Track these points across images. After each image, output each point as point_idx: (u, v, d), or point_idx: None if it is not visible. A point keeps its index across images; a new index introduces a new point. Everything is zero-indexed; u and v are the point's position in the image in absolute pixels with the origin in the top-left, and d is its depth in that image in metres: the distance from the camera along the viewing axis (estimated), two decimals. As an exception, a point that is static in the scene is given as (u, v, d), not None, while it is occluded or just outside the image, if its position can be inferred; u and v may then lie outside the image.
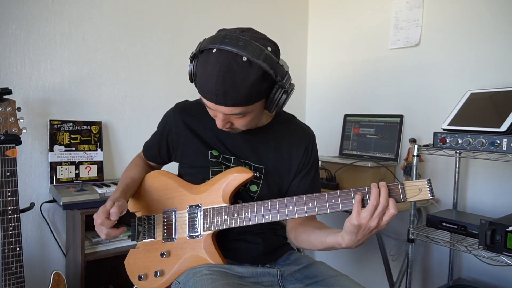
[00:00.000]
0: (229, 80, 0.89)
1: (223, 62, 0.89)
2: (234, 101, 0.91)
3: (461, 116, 1.61)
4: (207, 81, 0.91)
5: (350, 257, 2.48)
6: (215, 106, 0.94)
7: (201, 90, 0.95)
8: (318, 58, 2.70)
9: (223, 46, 0.89)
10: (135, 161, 1.27)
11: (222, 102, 0.92)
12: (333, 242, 0.97)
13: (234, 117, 0.98)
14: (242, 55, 0.89)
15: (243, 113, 0.96)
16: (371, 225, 0.88)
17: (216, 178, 1.08)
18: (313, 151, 1.19)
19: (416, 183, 0.88)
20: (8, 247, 1.37)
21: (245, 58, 0.89)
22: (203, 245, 1.04)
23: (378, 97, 2.31)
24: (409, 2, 2.13)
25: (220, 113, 0.96)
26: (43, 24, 1.77)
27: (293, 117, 1.23)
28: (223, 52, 0.90)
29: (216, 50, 0.90)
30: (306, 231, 1.09)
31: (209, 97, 0.93)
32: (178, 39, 2.17)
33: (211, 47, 0.91)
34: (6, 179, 1.38)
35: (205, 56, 0.93)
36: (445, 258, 1.96)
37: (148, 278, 1.08)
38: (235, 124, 1.01)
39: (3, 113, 1.40)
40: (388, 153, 2.14)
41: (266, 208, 1.00)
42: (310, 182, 1.17)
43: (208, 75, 0.91)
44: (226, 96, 0.91)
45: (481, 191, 1.86)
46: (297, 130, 1.19)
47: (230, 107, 0.93)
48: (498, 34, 1.79)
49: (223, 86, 0.89)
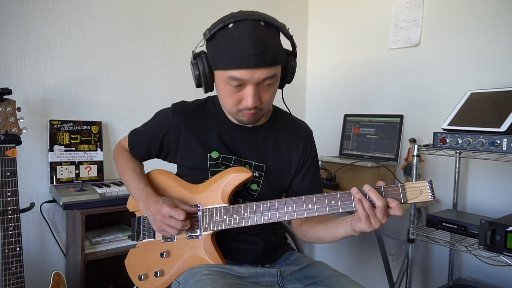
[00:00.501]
0: (263, 38, 0.92)
1: (248, 27, 0.92)
2: (271, 58, 0.94)
3: (461, 116, 1.61)
4: (241, 47, 0.91)
5: (350, 257, 2.48)
6: (251, 72, 0.93)
7: (233, 62, 0.93)
8: (318, 58, 2.70)
9: (239, 18, 0.94)
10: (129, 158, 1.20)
11: (261, 62, 0.92)
12: (344, 235, 0.99)
13: (264, 87, 0.98)
14: (260, 20, 0.94)
15: (275, 76, 0.98)
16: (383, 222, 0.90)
17: (215, 177, 1.07)
18: (312, 147, 1.20)
19: (417, 185, 0.88)
20: (8, 247, 1.37)
21: (262, 23, 0.95)
22: (202, 245, 1.04)
23: (378, 97, 2.31)
24: (409, 2, 2.13)
25: (252, 85, 0.95)
26: (43, 24, 1.77)
27: (289, 113, 1.23)
28: (242, 21, 0.93)
29: (233, 24, 0.94)
30: (313, 227, 1.10)
31: (247, 63, 0.92)
32: (178, 39, 2.17)
33: (225, 24, 0.94)
34: (6, 179, 1.38)
35: (223, 34, 0.95)
36: (445, 258, 1.96)
37: (148, 278, 1.08)
38: (262, 99, 1.00)
39: (3, 113, 1.40)
40: (388, 153, 2.14)
41: (265, 208, 0.99)
42: (311, 179, 1.17)
43: (240, 42, 0.92)
44: (265, 54, 0.92)
45: (481, 191, 1.86)
46: (295, 127, 1.19)
47: (268, 68, 0.94)
48: (498, 34, 1.79)
49: (260, 44, 0.92)
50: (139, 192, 1.08)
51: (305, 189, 1.17)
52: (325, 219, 1.08)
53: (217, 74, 1.00)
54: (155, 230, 1.04)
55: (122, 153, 1.22)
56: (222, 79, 0.98)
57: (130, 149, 1.21)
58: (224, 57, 0.95)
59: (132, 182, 1.11)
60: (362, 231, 0.92)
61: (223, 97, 1.03)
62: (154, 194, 1.05)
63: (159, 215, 0.98)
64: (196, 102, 1.18)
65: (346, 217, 1.00)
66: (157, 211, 0.99)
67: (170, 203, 1.00)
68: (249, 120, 1.04)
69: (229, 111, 1.06)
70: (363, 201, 0.89)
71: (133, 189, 1.11)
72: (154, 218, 1.00)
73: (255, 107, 0.99)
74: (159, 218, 0.98)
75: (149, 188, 1.08)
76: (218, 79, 1.01)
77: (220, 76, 0.99)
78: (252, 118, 1.04)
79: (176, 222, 0.97)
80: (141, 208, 1.07)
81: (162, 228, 1.00)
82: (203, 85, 1.05)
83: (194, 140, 1.11)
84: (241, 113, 1.02)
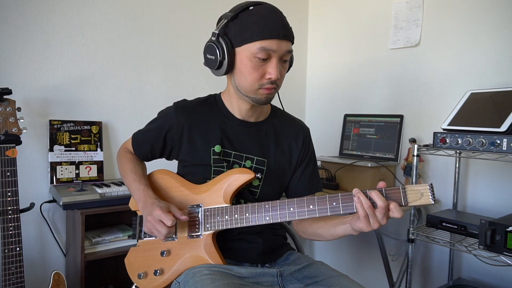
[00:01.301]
0: (283, 17, 1.04)
1: (269, 7, 1.04)
2: (292, 33, 1.05)
3: (461, 116, 1.61)
4: (269, 20, 1.00)
5: (350, 257, 2.48)
6: (279, 43, 1.00)
7: (263, 32, 0.99)
8: (318, 58, 2.70)
9: (257, 2, 1.04)
10: (132, 159, 1.21)
11: (288, 34, 1.03)
12: (343, 233, 1.02)
13: (282, 64, 1.05)
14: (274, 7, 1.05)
15: (291, 52, 1.06)
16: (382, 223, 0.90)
17: (218, 178, 1.08)
18: (310, 143, 1.24)
19: (418, 188, 0.88)
20: (8, 247, 1.37)
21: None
22: (203, 245, 1.04)
23: (378, 97, 2.31)
24: (409, 2, 2.13)
25: (276, 58, 1.02)
26: (43, 24, 1.77)
27: (285, 111, 1.28)
28: (261, 5, 1.04)
29: (254, 7, 1.02)
30: (313, 224, 1.12)
31: (277, 33, 1.00)
32: (178, 39, 2.17)
33: (247, 6, 1.03)
34: (6, 179, 1.38)
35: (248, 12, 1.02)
36: (445, 258, 1.96)
37: (148, 276, 1.08)
38: (281, 73, 1.06)
39: (3, 113, 1.40)
40: (388, 153, 2.14)
41: (266, 209, 1.00)
42: (310, 175, 1.21)
43: (268, 16, 1.01)
44: (289, 29, 1.03)
45: (481, 191, 1.86)
46: (293, 124, 1.24)
47: (290, 42, 1.04)
48: (498, 34, 1.79)
49: (284, 20, 1.03)
50: (138, 193, 1.08)
51: (304, 184, 1.19)
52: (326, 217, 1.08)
53: (242, 50, 1.03)
54: (145, 230, 1.04)
55: (125, 154, 1.23)
56: (247, 54, 1.02)
57: (134, 149, 1.22)
58: (254, 29, 1.00)
59: (133, 183, 1.12)
60: (361, 230, 0.93)
61: (246, 74, 1.04)
62: (153, 196, 1.06)
63: (149, 216, 0.99)
64: (198, 99, 1.19)
65: (346, 216, 1.01)
66: (150, 212, 1.00)
67: (164, 207, 1.00)
68: (266, 98, 1.07)
69: (249, 89, 1.06)
70: (363, 200, 0.89)
71: (133, 190, 1.12)
72: (145, 219, 1.01)
73: (275, 81, 1.04)
74: (149, 219, 0.99)
75: (149, 190, 1.08)
76: (243, 54, 1.02)
77: (246, 51, 1.02)
78: (270, 95, 1.07)
79: (162, 227, 0.97)
80: (140, 209, 1.08)
81: (150, 230, 1.01)
82: (225, 64, 1.05)
83: (197, 135, 1.12)
84: (262, 90, 1.05)
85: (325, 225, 1.07)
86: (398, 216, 0.89)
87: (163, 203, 1.03)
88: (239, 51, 1.03)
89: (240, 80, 1.07)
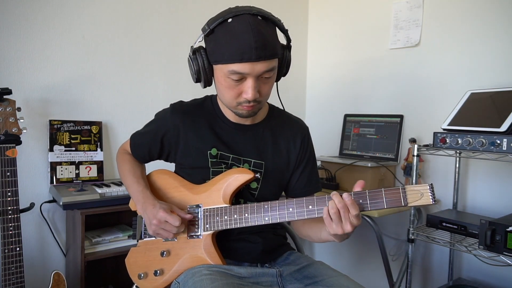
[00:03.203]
0: (262, 32, 0.94)
1: (248, 21, 0.94)
2: (271, 51, 0.96)
3: (461, 116, 1.61)
4: (241, 41, 0.93)
5: (350, 257, 2.48)
6: (252, 66, 0.94)
7: (234, 55, 0.94)
8: (318, 58, 2.70)
9: (238, 12, 0.95)
10: (130, 160, 1.21)
11: (262, 55, 0.94)
12: (326, 238, 1.02)
13: (264, 80, 0.99)
14: (257, 15, 0.96)
15: (273, 69, 0.99)
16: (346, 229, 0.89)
17: (217, 178, 1.08)
18: (309, 143, 1.22)
19: (418, 188, 0.88)
20: (8, 247, 1.37)
21: (260, 17, 0.97)
22: (203, 245, 1.04)
23: (378, 97, 2.31)
24: (409, 2, 2.13)
25: (252, 78, 0.96)
26: (43, 24, 1.77)
27: (284, 110, 1.25)
28: (240, 16, 0.95)
29: (233, 18, 0.95)
30: (304, 225, 1.14)
31: (248, 56, 0.93)
32: (178, 40, 2.17)
33: (224, 19, 0.95)
34: (6, 179, 1.38)
35: (223, 29, 0.96)
36: (445, 258, 1.96)
37: (148, 277, 1.08)
38: (261, 92, 1.01)
39: (3, 113, 1.40)
40: (388, 153, 2.14)
41: (266, 209, 1.00)
42: (309, 175, 1.19)
43: (240, 36, 0.93)
44: (266, 47, 0.94)
45: (481, 191, 1.86)
46: (291, 124, 1.21)
47: (268, 61, 0.96)
48: (498, 34, 1.79)
49: (260, 38, 0.93)
50: (137, 194, 1.09)
51: (303, 185, 1.18)
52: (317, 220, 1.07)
53: (217, 68, 1.00)
54: (150, 233, 1.04)
55: (124, 156, 1.23)
56: (222, 73, 0.99)
57: (132, 151, 1.22)
58: (225, 51, 0.95)
59: (132, 185, 1.12)
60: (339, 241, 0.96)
61: (222, 91, 1.03)
62: (152, 197, 1.06)
63: (155, 220, 0.99)
64: (194, 101, 1.18)
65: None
66: (154, 215, 1.00)
67: (167, 208, 1.01)
68: (248, 113, 1.05)
69: (228, 105, 1.06)
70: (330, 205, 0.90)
71: (132, 191, 1.12)
72: (150, 222, 1.02)
73: (255, 99, 1.00)
74: (154, 222, 1.00)
75: (148, 191, 1.08)
76: (218, 73, 1.01)
77: (220, 70, 0.99)
78: (251, 111, 1.04)
79: (171, 227, 0.99)
80: (139, 211, 1.08)
81: (157, 232, 1.01)
82: (202, 80, 1.04)
83: (193, 138, 1.11)
84: (240, 106, 1.02)
85: (315, 226, 1.08)
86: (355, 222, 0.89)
87: (164, 204, 1.03)
88: (215, 68, 1.01)
89: (219, 94, 1.07)
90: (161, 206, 1.01)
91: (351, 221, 0.89)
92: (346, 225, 0.89)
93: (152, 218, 1.00)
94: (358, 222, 0.89)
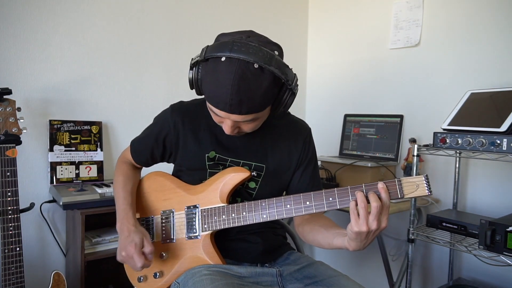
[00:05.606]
0: (244, 89, 0.88)
1: (236, 71, 0.87)
2: (248, 109, 0.91)
3: (461, 116, 1.61)
4: (219, 90, 0.89)
5: (350, 257, 2.48)
6: (226, 115, 0.93)
7: (211, 99, 0.93)
8: (318, 58, 2.70)
9: (233, 54, 0.87)
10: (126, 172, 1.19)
11: (236, 111, 0.91)
12: (340, 245, 0.95)
13: (244, 122, 0.97)
14: (253, 63, 0.88)
15: (255, 118, 0.96)
16: (372, 228, 0.85)
17: (214, 178, 1.07)
18: (311, 145, 1.20)
19: (414, 179, 0.87)
20: (8, 247, 1.37)
21: (257, 65, 0.88)
22: (201, 246, 1.04)
23: (378, 97, 2.31)
24: (409, 2, 2.13)
25: (230, 120, 0.95)
26: (44, 24, 1.77)
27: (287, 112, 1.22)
28: (234, 61, 0.88)
29: (226, 59, 0.88)
30: (313, 231, 1.08)
31: (222, 107, 0.91)
32: (178, 40, 2.17)
33: (219, 55, 0.89)
34: (6, 179, 1.38)
35: (213, 65, 0.90)
36: (445, 258, 1.96)
37: (148, 279, 1.08)
38: (243, 129, 1.00)
39: (3, 113, 1.41)
40: (388, 153, 2.14)
41: (263, 207, 0.99)
42: (310, 176, 1.17)
43: (220, 84, 0.89)
44: (241, 105, 0.90)
45: (481, 191, 1.85)
46: (293, 125, 1.19)
47: (244, 115, 0.92)
48: (498, 34, 1.79)
49: (238, 96, 0.88)
50: (119, 212, 1.09)
51: (304, 186, 1.17)
52: (328, 224, 1.06)
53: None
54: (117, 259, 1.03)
55: (121, 166, 1.22)
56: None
57: (133, 158, 1.21)
58: (206, 90, 0.94)
59: (118, 199, 1.13)
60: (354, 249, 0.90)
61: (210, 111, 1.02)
62: (132, 219, 1.06)
63: (123, 252, 0.99)
64: (195, 101, 1.17)
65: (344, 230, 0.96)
66: (124, 246, 1.00)
67: (138, 244, 0.99)
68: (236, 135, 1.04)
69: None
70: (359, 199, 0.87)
71: (117, 206, 1.12)
72: (119, 250, 1.02)
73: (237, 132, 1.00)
74: (123, 254, 0.99)
75: (131, 211, 1.08)
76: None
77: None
78: (236, 134, 1.03)
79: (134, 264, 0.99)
80: (116, 227, 1.08)
81: (124, 261, 1.02)
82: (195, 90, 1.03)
83: (191, 140, 1.11)
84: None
85: (325, 232, 1.02)
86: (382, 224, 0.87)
87: (138, 236, 1.00)
88: None
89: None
90: (134, 239, 0.99)
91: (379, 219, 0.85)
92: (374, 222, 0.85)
93: (122, 249, 1.00)
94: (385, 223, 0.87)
